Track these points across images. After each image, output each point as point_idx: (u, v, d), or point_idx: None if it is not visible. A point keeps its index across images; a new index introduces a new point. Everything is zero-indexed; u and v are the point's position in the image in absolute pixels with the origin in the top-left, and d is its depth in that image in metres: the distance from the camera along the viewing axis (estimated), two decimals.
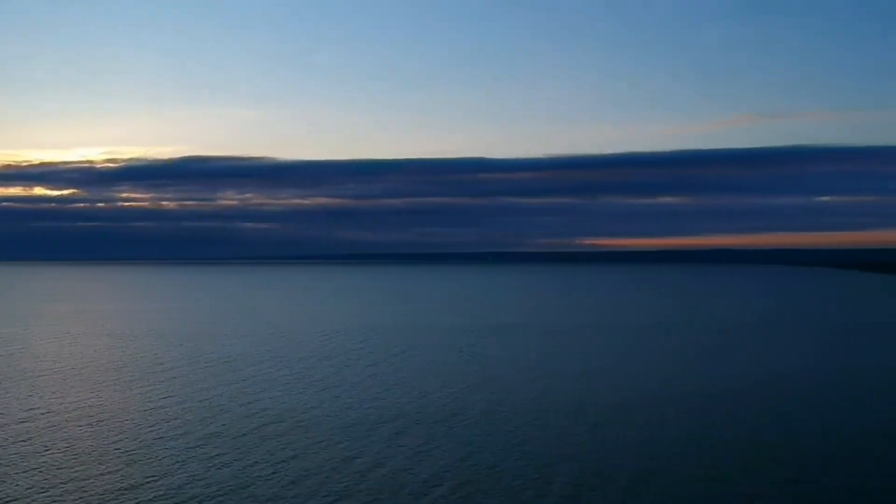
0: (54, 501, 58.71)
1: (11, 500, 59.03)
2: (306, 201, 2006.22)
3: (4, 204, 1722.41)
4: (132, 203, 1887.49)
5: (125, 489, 61.64)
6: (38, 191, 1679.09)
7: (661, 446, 78.19)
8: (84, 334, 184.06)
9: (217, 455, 72.27)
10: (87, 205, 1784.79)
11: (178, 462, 69.76)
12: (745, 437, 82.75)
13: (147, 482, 63.44)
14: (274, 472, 66.34)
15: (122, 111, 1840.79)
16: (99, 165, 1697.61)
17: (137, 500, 58.85)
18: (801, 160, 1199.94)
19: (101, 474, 65.79)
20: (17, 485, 62.40)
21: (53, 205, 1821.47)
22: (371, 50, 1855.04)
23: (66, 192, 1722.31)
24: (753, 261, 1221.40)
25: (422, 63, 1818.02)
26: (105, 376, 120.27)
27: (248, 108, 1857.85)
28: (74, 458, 70.75)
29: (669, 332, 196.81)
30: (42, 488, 61.61)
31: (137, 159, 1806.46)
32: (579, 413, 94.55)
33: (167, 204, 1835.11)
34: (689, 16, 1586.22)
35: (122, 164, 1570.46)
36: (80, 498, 59.42)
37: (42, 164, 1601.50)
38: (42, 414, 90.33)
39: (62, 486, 62.34)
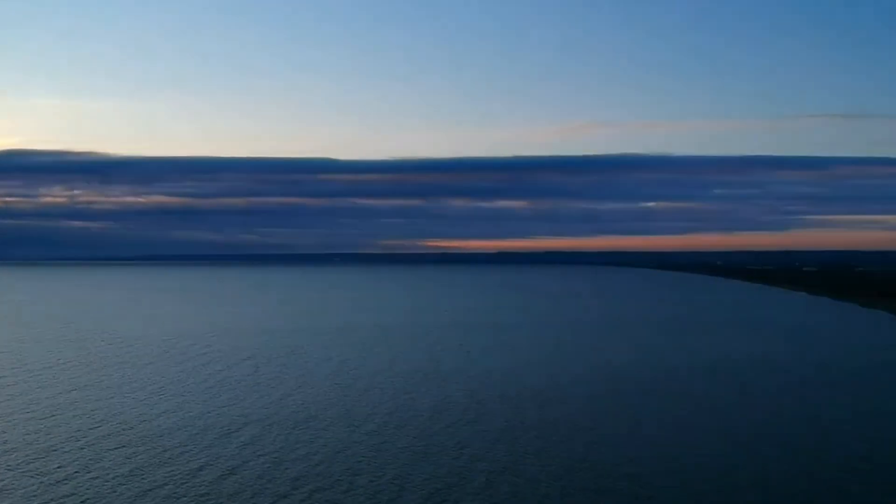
0: None
1: None
2: (140, 199, 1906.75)
3: None
4: None
5: None
6: None
7: (517, 443, 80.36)
8: None
9: (55, 470, 67.50)
10: None
11: (10, 479, 64.51)
12: (590, 429, 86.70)
13: None
14: (114, 490, 62.63)
15: None
16: None
17: None
18: (630, 168, 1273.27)
19: None
20: None
21: None
22: (212, 46, 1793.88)
23: None
24: (586, 262, 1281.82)
25: (266, 62, 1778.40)
26: None
27: (82, 99, 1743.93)
28: None
29: (507, 329, 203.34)
30: None
31: None
32: (434, 413, 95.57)
33: None
34: (525, 24, 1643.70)
35: None
36: None
37: None
38: None
39: None
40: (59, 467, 68.60)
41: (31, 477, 65.38)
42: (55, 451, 74.37)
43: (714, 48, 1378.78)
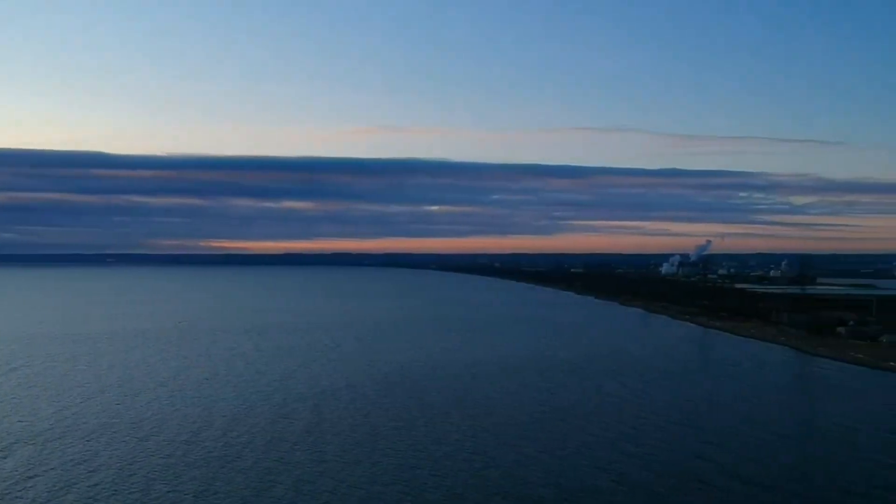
0: None
1: None
2: None
3: None
4: None
5: None
6: None
7: (284, 444, 79.32)
8: None
9: None
10: None
11: None
12: (364, 426, 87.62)
13: None
14: None
15: None
16: None
17: None
18: (415, 172, 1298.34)
19: None
20: None
21: None
22: None
23: None
24: (373, 263, 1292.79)
25: (30, 39, 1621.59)
26: None
27: None
28: None
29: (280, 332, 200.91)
30: None
31: None
32: (204, 420, 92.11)
33: None
34: (316, 27, 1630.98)
35: None
36: None
37: None
38: None
39: None
40: None
41: None
42: None
43: (488, 61, 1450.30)
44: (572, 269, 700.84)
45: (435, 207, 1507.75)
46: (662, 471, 75.15)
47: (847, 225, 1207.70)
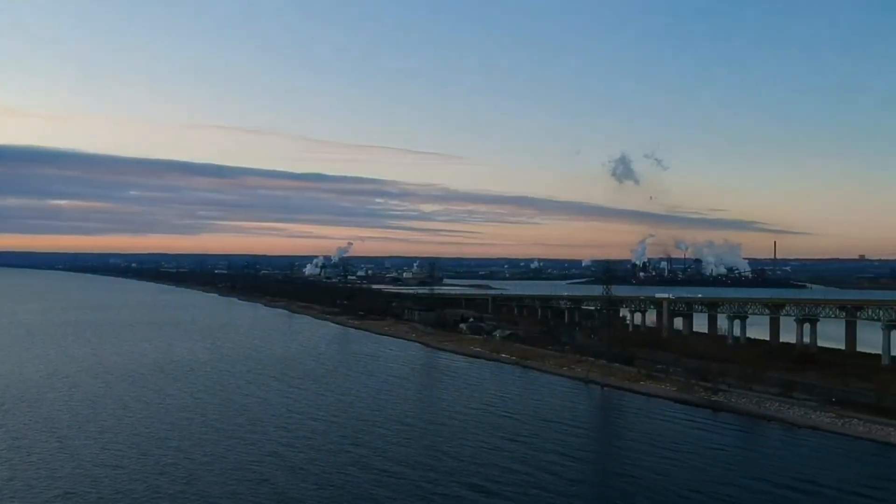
0: None
1: None
2: None
3: None
4: None
5: None
6: None
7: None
8: None
9: None
10: None
11: None
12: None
13: None
14: None
15: None
16: None
17: None
18: (39, 162, 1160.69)
19: None
20: None
21: None
22: None
23: None
24: None
25: None
26: None
27: None
28: None
29: None
30: None
31: None
32: None
33: None
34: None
35: None
36: None
37: None
38: None
39: None
40: None
41: None
42: None
43: (128, 46, 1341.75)
44: (217, 270, 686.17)
45: (63, 202, 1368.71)
46: (317, 457, 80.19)
47: (468, 231, 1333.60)
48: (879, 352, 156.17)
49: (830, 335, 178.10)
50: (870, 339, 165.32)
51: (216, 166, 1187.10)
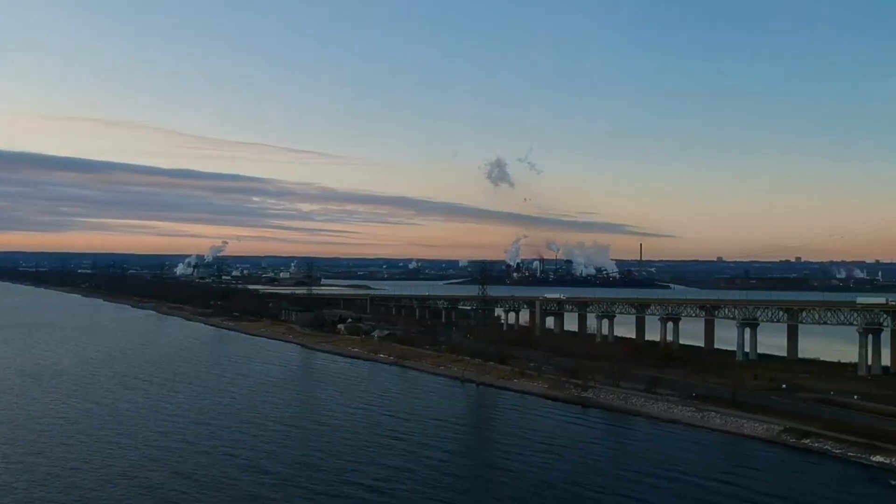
0: None
1: None
2: None
3: None
4: None
5: None
6: None
7: None
8: None
9: None
10: None
11: None
12: None
13: None
14: None
15: None
16: None
17: None
18: None
19: None
20: None
21: None
22: None
23: None
24: None
25: None
26: None
27: None
28: None
29: None
30: None
31: None
32: None
33: None
34: None
35: None
36: None
37: None
38: None
39: None
40: None
41: None
42: None
43: None
44: (80, 270, 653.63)
45: None
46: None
47: (346, 231, 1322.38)
48: (735, 348, 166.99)
49: (691, 333, 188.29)
50: (727, 337, 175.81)
51: (81, 160, 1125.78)
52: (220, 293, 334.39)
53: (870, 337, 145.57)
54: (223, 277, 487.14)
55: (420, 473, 77.75)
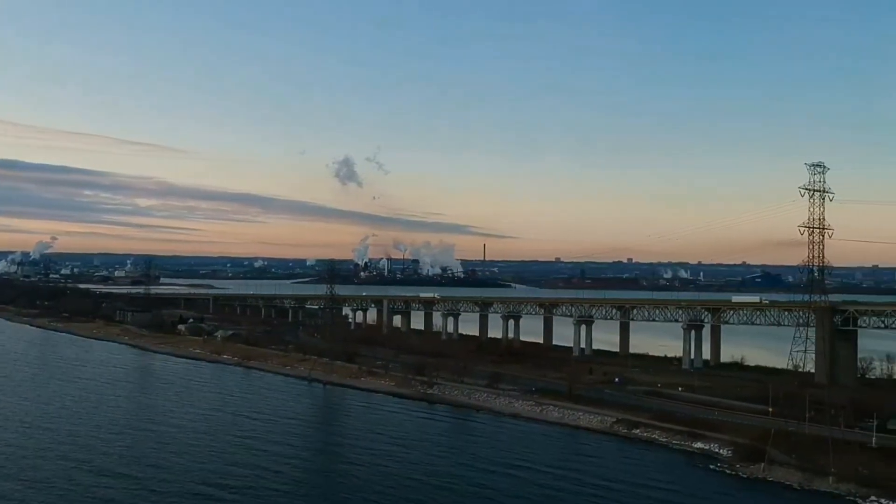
0: None
1: None
2: None
3: None
4: None
5: None
6: None
7: None
8: None
9: None
10: None
11: None
12: None
13: None
14: None
15: None
16: None
17: None
18: None
19: None
20: None
21: None
22: None
23: None
24: None
25: None
26: None
27: None
28: None
29: None
30: None
31: None
32: None
33: None
34: None
35: None
36: None
37: None
38: None
39: None
40: None
41: None
42: None
43: None
44: None
45: None
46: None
47: (188, 229, 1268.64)
48: (571, 345, 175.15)
49: (531, 330, 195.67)
50: (565, 334, 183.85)
51: None
52: (49, 292, 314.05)
53: (692, 333, 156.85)
54: (51, 276, 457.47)
55: (265, 474, 76.79)
